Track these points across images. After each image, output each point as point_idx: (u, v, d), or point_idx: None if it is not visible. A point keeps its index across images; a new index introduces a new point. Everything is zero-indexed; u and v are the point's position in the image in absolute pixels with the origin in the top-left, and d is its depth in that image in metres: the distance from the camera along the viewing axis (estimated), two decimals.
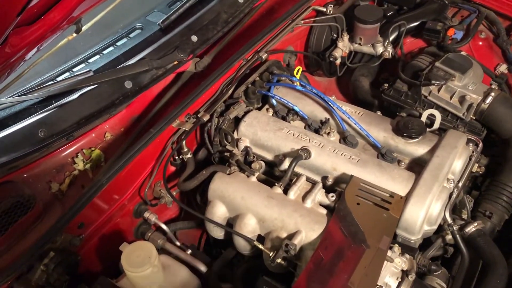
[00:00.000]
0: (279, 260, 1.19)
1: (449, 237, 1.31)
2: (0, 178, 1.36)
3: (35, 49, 1.21)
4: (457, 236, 1.26)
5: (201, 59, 1.64)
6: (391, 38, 1.87)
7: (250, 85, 1.60)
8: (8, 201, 1.36)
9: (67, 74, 1.63)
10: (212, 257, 1.40)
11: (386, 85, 1.74)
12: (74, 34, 1.25)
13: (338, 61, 1.85)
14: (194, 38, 1.63)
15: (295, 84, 1.58)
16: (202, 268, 1.34)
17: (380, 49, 1.85)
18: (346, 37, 1.86)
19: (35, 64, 1.23)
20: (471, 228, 1.27)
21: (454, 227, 1.26)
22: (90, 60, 1.64)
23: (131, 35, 1.71)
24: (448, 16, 1.90)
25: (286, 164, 1.39)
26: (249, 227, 1.29)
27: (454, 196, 1.29)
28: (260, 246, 1.24)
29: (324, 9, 1.87)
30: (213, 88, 1.51)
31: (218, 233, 1.41)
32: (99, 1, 1.28)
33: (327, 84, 2.16)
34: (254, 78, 1.61)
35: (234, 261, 1.43)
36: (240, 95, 1.56)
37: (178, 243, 1.41)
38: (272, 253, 1.21)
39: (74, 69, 1.63)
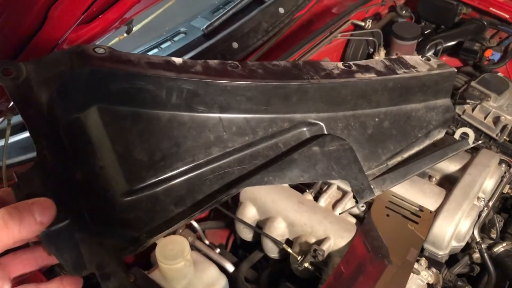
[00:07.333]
0: (306, 265, 1.22)
1: (476, 255, 1.30)
2: None
3: None
4: (485, 254, 1.27)
5: None
6: (427, 55, 1.89)
7: None
8: None
9: None
10: (238, 258, 1.44)
11: None
12: (125, 35, 1.31)
13: None
14: (235, 44, 1.68)
15: None
16: (229, 267, 1.37)
17: None
18: (382, 52, 1.88)
19: None
20: (499, 248, 1.28)
21: (482, 246, 1.27)
22: None
23: (175, 39, 1.77)
24: (486, 37, 1.90)
25: None
26: (279, 230, 1.32)
27: (484, 214, 1.29)
28: (289, 250, 1.27)
29: (363, 24, 1.90)
30: None
31: (247, 235, 1.44)
32: (150, 5, 1.34)
33: None
34: None
35: (257, 265, 1.45)
36: None
37: (207, 242, 1.45)
38: (300, 257, 1.24)
39: None
